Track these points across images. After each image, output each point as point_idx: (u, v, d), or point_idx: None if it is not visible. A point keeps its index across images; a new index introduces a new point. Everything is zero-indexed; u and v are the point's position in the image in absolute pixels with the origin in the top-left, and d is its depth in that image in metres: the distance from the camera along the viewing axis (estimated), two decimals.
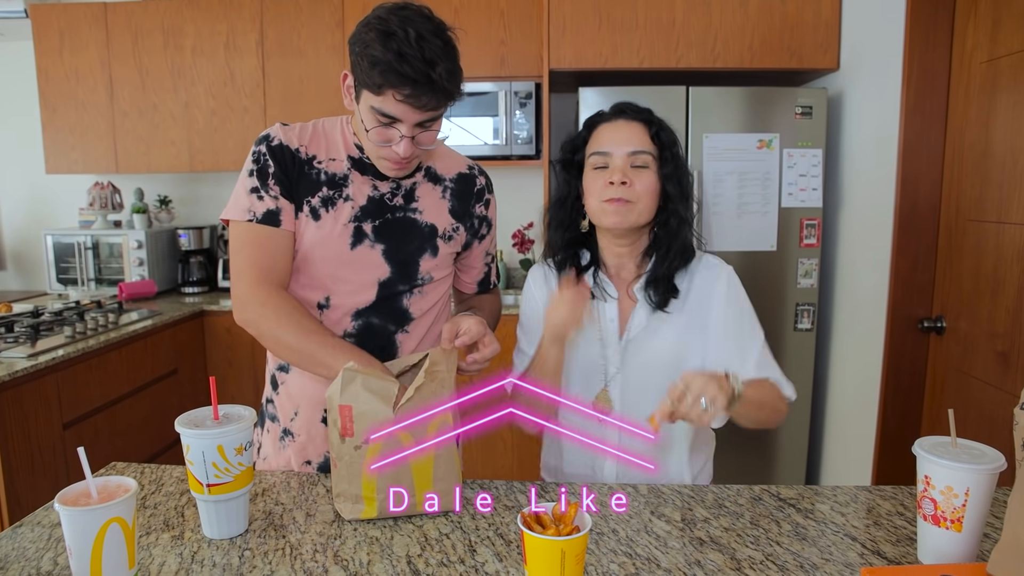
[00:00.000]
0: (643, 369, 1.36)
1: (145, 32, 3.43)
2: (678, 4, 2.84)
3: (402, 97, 1.16)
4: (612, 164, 1.32)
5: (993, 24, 1.99)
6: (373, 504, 1.14)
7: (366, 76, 1.17)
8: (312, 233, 1.31)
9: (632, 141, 1.32)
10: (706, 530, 1.11)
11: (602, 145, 1.34)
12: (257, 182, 1.29)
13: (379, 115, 1.19)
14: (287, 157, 1.31)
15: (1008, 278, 1.92)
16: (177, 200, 3.89)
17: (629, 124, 1.34)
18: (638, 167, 1.31)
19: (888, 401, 2.37)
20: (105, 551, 0.86)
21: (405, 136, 1.21)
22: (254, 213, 1.28)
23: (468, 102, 3.24)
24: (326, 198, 1.31)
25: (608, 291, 1.38)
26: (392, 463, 1.13)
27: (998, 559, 0.85)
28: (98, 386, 2.62)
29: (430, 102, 1.18)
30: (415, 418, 1.13)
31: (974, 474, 0.92)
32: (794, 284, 2.83)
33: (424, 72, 1.14)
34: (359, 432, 1.13)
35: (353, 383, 1.12)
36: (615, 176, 1.30)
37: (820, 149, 2.76)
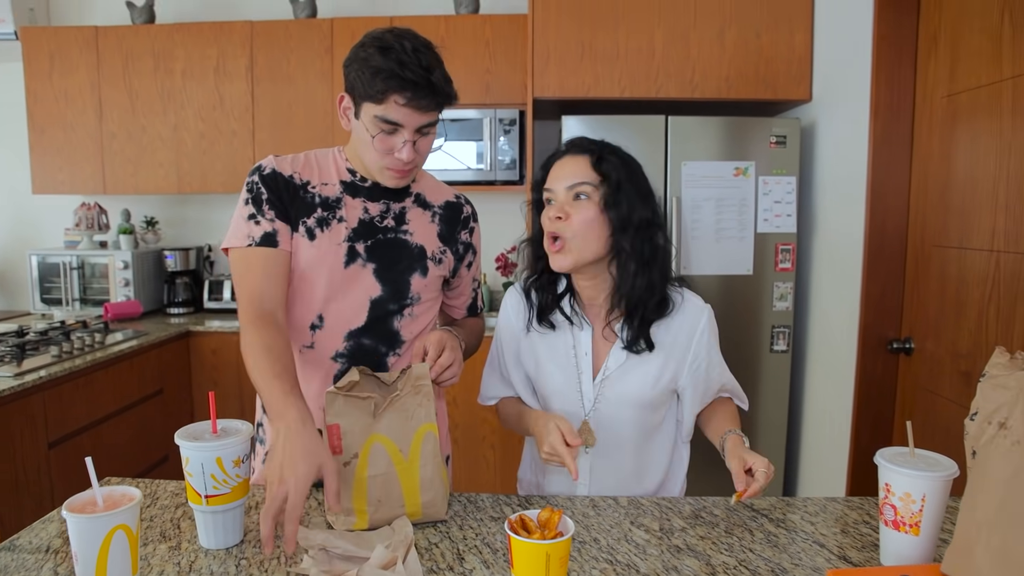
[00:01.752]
0: (618, 406, 1.40)
1: (136, 56, 3.48)
2: (658, 37, 2.95)
3: (404, 101, 1.24)
4: (556, 199, 1.34)
5: (952, 62, 2.10)
6: (364, 516, 1.19)
7: (368, 87, 1.25)
8: (307, 252, 1.36)
9: (573, 174, 1.33)
10: (683, 538, 1.16)
11: (549, 181, 1.36)
12: (253, 208, 1.35)
13: (382, 123, 1.27)
14: (280, 183, 1.37)
15: (970, 301, 2.01)
16: (164, 221, 3.92)
17: (574, 159, 1.35)
18: (577, 199, 1.32)
19: (860, 418, 2.45)
20: (111, 557, 0.90)
21: (408, 141, 1.29)
22: (253, 238, 1.34)
23: (453, 127, 3.32)
24: (321, 219, 1.37)
25: (584, 321, 1.42)
26: (381, 474, 1.18)
27: (951, 559, 0.92)
28: (84, 405, 2.63)
29: (430, 104, 1.27)
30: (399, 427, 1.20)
31: (930, 481, 0.98)
32: (770, 307, 2.91)
33: (424, 76, 1.24)
34: (347, 448, 1.18)
35: (336, 402, 1.18)
36: (551, 211, 1.33)
37: (794, 177, 2.86)
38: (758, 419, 2.93)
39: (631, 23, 2.95)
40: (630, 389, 1.39)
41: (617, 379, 1.39)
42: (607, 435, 1.41)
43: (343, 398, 1.18)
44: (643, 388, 1.39)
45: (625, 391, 1.39)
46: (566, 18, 2.96)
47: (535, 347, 1.45)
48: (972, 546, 0.88)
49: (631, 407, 1.40)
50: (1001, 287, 1.87)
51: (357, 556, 1.06)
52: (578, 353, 1.41)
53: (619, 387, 1.39)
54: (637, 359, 1.39)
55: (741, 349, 2.92)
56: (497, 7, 3.59)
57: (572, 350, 1.41)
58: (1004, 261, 1.86)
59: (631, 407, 1.40)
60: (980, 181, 1.96)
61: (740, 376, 1.57)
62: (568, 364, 1.41)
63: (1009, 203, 1.84)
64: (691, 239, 2.87)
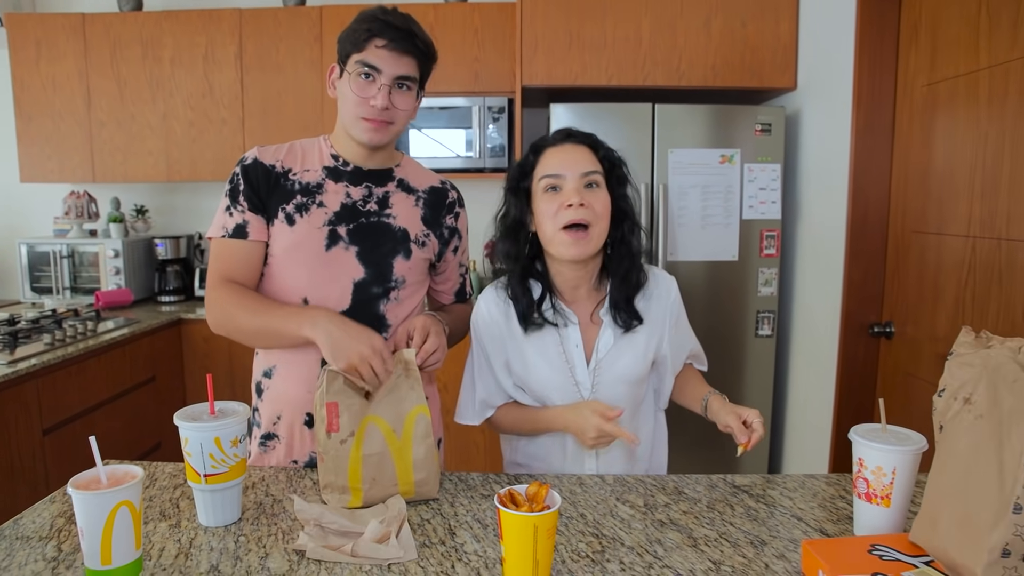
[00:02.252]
0: (614, 386, 1.43)
1: (124, 43, 3.47)
2: (645, 25, 2.98)
3: (384, 43, 1.33)
4: (565, 186, 1.33)
5: (932, 51, 2.14)
6: (359, 494, 1.23)
7: (352, 36, 1.35)
8: (287, 237, 1.41)
9: (583, 162, 1.35)
10: (666, 513, 1.21)
11: (553, 167, 1.35)
12: (229, 200, 1.42)
13: (362, 67, 1.35)
14: (259, 173, 1.42)
15: (947, 286, 2.06)
16: (154, 210, 3.93)
17: (577, 147, 1.37)
18: (591, 187, 1.34)
19: (842, 400, 2.51)
20: (115, 532, 0.94)
21: (384, 85, 1.35)
22: (226, 229, 1.41)
23: (442, 115, 3.34)
24: (300, 205, 1.42)
25: (569, 318, 1.43)
26: (375, 454, 1.22)
27: (918, 528, 0.97)
28: (77, 393, 2.66)
29: (407, 47, 1.34)
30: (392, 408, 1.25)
31: (900, 455, 1.03)
32: (755, 292, 2.97)
33: (405, 25, 1.35)
34: (344, 427, 1.21)
35: (336, 381, 1.22)
36: (572, 199, 1.31)
37: (779, 164, 2.91)
38: (743, 401, 2.96)
39: (618, 12, 2.97)
40: (623, 368, 1.43)
41: (610, 361, 1.42)
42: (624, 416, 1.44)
43: (343, 379, 1.22)
44: (635, 364, 1.43)
45: (619, 371, 1.43)
46: (554, 7, 2.98)
47: (522, 349, 1.44)
48: (938, 515, 0.93)
49: (625, 384, 1.44)
50: (977, 272, 1.93)
51: (352, 531, 1.09)
52: (568, 348, 1.42)
53: (614, 368, 1.42)
54: (624, 338, 1.43)
55: (727, 334, 2.97)
56: None
57: (560, 346, 1.42)
58: (979, 247, 1.91)
59: (625, 384, 1.44)
60: (957, 169, 2.01)
61: (726, 360, 1.63)
62: (559, 359, 1.42)
63: (985, 190, 1.89)
64: (677, 226, 2.91)
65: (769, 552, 1.07)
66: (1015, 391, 0.86)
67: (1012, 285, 1.78)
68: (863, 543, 0.99)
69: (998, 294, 1.84)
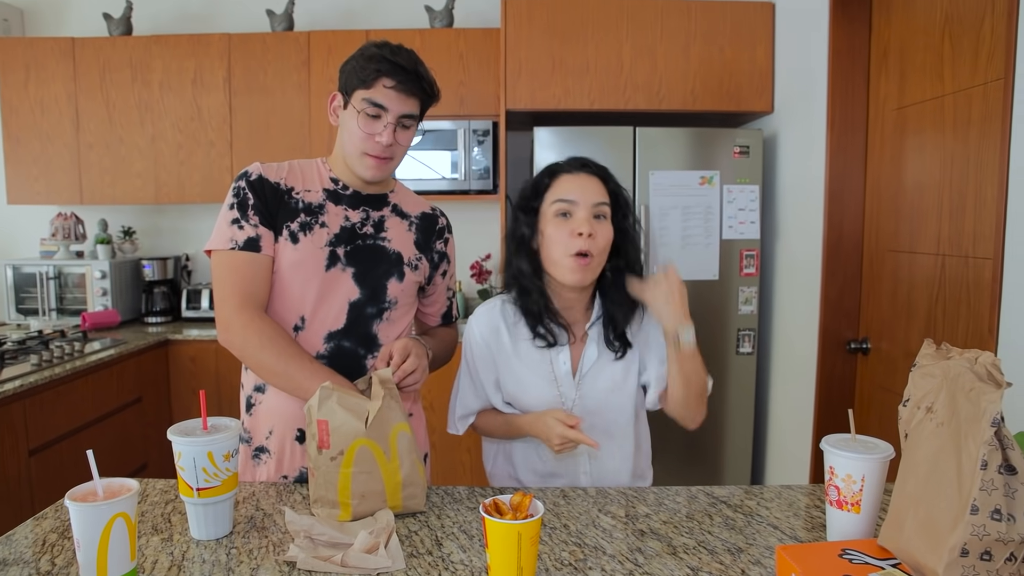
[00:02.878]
0: (598, 397, 1.49)
1: (113, 67, 3.51)
2: (626, 51, 3.06)
3: (392, 84, 1.38)
4: (576, 213, 1.38)
5: (900, 77, 2.23)
6: (348, 509, 1.25)
7: (360, 73, 1.39)
8: (290, 255, 1.43)
9: (594, 193, 1.41)
10: (647, 523, 1.25)
11: (567, 193, 1.40)
12: (238, 213, 1.43)
13: (369, 105, 1.39)
14: (266, 189, 1.44)
15: (919, 302, 2.13)
16: (141, 231, 3.95)
17: (590, 178, 1.43)
18: (598, 218, 1.40)
19: (821, 415, 2.56)
20: (111, 544, 0.96)
21: (389, 123, 1.40)
22: (236, 241, 1.41)
23: (428, 138, 3.40)
24: (304, 223, 1.45)
25: (560, 340, 1.48)
26: (366, 472, 1.25)
27: (885, 532, 1.01)
28: (64, 413, 2.66)
29: (415, 90, 1.41)
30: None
31: (868, 463, 1.08)
32: (736, 311, 3.03)
33: (412, 66, 1.40)
34: (335, 444, 1.24)
35: (330, 400, 1.24)
36: (583, 227, 1.36)
37: (757, 185, 2.98)
38: (726, 417, 3.03)
39: (600, 38, 3.06)
40: (607, 379, 1.49)
41: (594, 374, 1.49)
42: (597, 421, 1.49)
43: (337, 397, 1.23)
44: (616, 376, 1.50)
45: (603, 383, 1.49)
46: (537, 33, 3.06)
47: (512, 365, 1.50)
48: (903, 519, 0.98)
49: (609, 393, 1.51)
50: (946, 288, 1.99)
51: (341, 542, 1.12)
52: (558, 365, 1.48)
53: (598, 381, 1.49)
54: (605, 352, 1.49)
55: (708, 352, 3.01)
56: (470, 21, 3.68)
57: (551, 363, 1.48)
58: (948, 264, 1.98)
59: (609, 393, 1.51)
60: (927, 189, 2.09)
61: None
62: (547, 372, 1.48)
63: (953, 210, 1.96)
64: (659, 246, 2.97)
65: (745, 559, 1.11)
66: (971, 399, 0.91)
67: (979, 301, 1.84)
68: (834, 548, 1.03)
69: (966, 310, 1.90)
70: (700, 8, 3.05)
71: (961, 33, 1.91)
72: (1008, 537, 0.86)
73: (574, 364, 1.49)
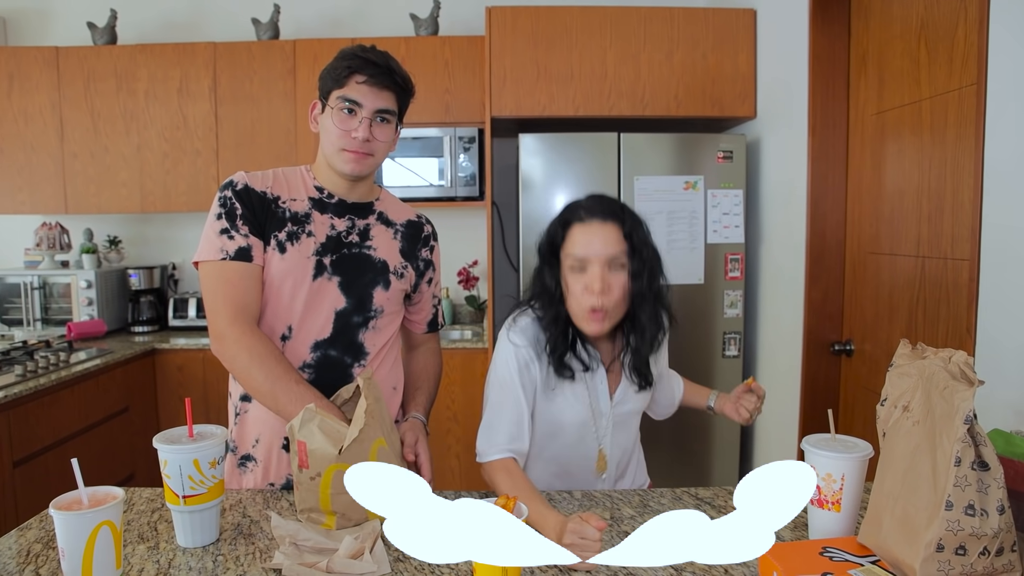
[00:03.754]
0: (628, 417, 1.54)
1: (98, 76, 3.50)
2: (609, 58, 3.09)
3: (364, 78, 1.40)
4: (590, 269, 1.35)
5: (879, 82, 2.26)
6: (332, 518, 1.26)
7: (333, 73, 1.42)
8: (277, 265, 1.43)
9: (608, 246, 1.35)
10: (632, 525, 1.26)
11: (579, 249, 1.36)
12: (226, 223, 1.42)
13: (343, 102, 1.41)
14: (253, 198, 1.44)
15: (901, 304, 2.16)
16: (127, 240, 3.93)
17: (604, 225, 1.37)
18: (614, 269, 1.36)
19: (806, 417, 2.58)
20: (96, 552, 0.96)
21: (365, 118, 1.41)
22: (227, 252, 1.40)
23: (414, 144, 3.41)
24: (291, 233, 1.45)
25: (595, 363, 1.46)
26: (344, 493, 1.24)
27: (865, 530, 1.03)
28: (49, 424, 2.64)
29: (386, 82, 1.41)
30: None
31: (847, 462, 1.10)
32: (721, 314, 3.05)
33: (384, 62, 1.42)
34: (312, 466, 1.23)
35: (311, 422, 1.23)
36: (596, 285, 1.34)
37: (741, 190, 3.01)
38: (713, 420, 3.05)
39: (584, 45, 3.08)
40: (635, 403, 1.54)
41: (627, 399, 1.51)
42: (623, 443, 1.55)
43: (319, 421, 1.23)
44: (644, 396, 1.55)
45: (632, 405, 1.53)
46: (522, 40, 3.08)
47: (556, 396, 1.45)
48: (881, 516, 0.99)
49: (637, 415, 1.58)
50: (926, 289, 2.02)
51: (327, 547, 1.13)
52: (594, 388, 1.47)
53: (627, 404, 1.52)
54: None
55: (695, 355, 3.04)
56: (455, 29, 3.70)
57: (587, 388, 1.47)
58: (928, 266, 2.01)
59: (637, 415, 1.58)
60: (906, 193, 2.12)
61: (694, 380, 1.75)
62: (585, 401, 1.46)
63: (931, 212, 1.99)
64: None
65: None
66: (945, 397, 0.93)
67: (958, 301, 1.87)
68: (815, 546, 1.05)
69: (946, 310, 1.93)
70: (683, 15, 3.08)
71: (936, 39, 1.94)
72: (981, 532, 0.88)
73: (611, 388, 1.49)
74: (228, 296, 1.39)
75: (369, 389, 1.29)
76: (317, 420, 1.23)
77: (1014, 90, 1.56)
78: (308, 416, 1.23)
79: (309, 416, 1.23)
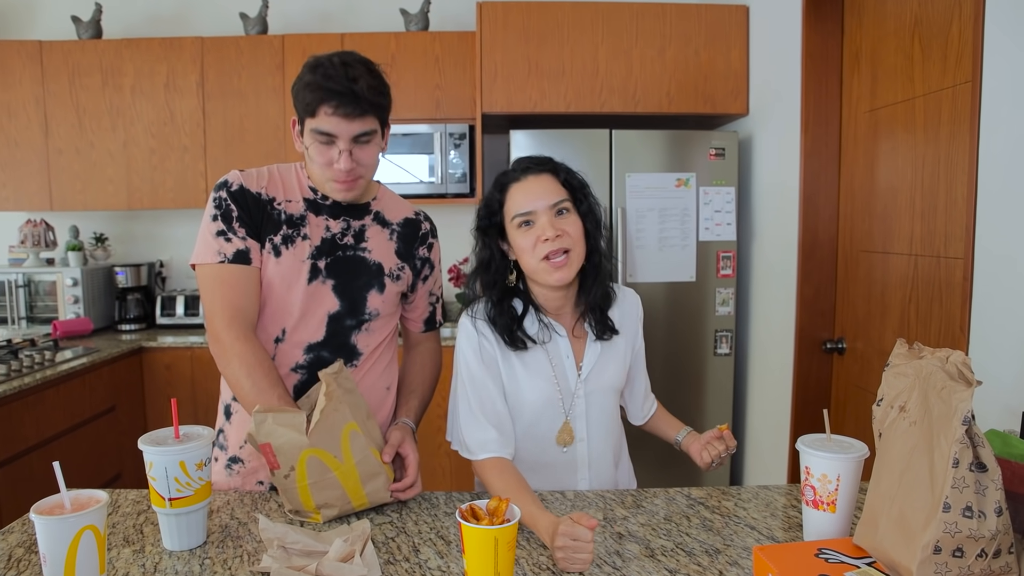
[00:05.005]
0: (600, 396, 1.48)
1: (83, 71, 3.46)
2: (601, 54, 3.07)
3: (332, 110, 1.32)
4: (538, 220, 1.35)
5: (872, 80, 2.26)
6: (319, 513, 1.25)
7: (303, 103, 1.35)
8: (272, 269, 1.41)
9: (549, 193, 1.37)
10: (625, 526, 1.24)
11: (521, 206, 1.36)
12: (223, 225, 1.39)
13: (318, 135, 1.35)
14: (248, 200, 1.41)
15: (893, 302, 2.15)
16: (114, 238, 3.89)
17: (539, 178, 1.38)
18: (561, 214, 1.37)
19: (798, 415, 2.58)
20: (79, 557, 0.94)
21: (344, 150, 1.35)
22: (224, 254, 1.38)
23: (404, 141, 3.39)
24: (287, 236, 1.42)
25: (556, 330, 1.45)
26: (321, 480, 1.24)
27: (861, 531, 1.02)
28: (34, 424, 2.61)
29: (356, 111, 1.33)
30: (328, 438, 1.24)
31: (843, 462, 1.09)
32: (713, 312, 3.04)
33: (347, 87, 1.31)
34: (284, 463, 1.22)
35: (265, 422, 1.21)
36: (547, 232, 1.33)
37: (733, 187, 3.00)
38: (705, 418, 3.04)
39: (575, 41, 3.06)
40: (609, 376, 1.48)
41: (599, 371, 1.47)
42: (597, 425, 1.48)
43: (272, 418, 1.21)
44: (618, 372, 1.49)
45: (607, 380, 1.48)
46: (513, 36, 3.06)
47: (514, 368, 1.43)
48: (877, 517, 0.98)
49: (612, 392, 1.50)
50: (919, 288, 2.02)
51: (316, 550, 1.11)
52: (559, 360, 1.45)
53: (602, 377, 1.47)
54: (607, 348, 1.47)
55: (686, 353, 3.04)
56: (446, 24, 3.67)
57: (549, 361, 1.44)
58: (921, 264, 2.01)
59: (612, 392, 1.50)
60: (899, 190, 2.11)
61: (686, 378, 1.71)
62: (548, 374, 1.44)
63: (924, 210, 1.99)
64: (636, 248, 2.98)
65: (723, 560, 1.11)
66: (943, 398, 0.92)
67: (951, 300, 1.86)
68: (810, 547, 1.04)
69: (939, 309, 1.92)
70: (675, 11, 3.07)
71: (930, 36, 1.94)
72: (979, 534, 0.87)
73: (577, 360, 1.46)
74: (226, 299, 1.37)
75: (337, 378, 1.27)
76: (271, 418, 1.21)
77: (1009, 88, 1.55)
78: (260, 419, 1.21)
79: (261, 418, 1.21)
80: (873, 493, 1.01)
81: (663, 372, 2.94)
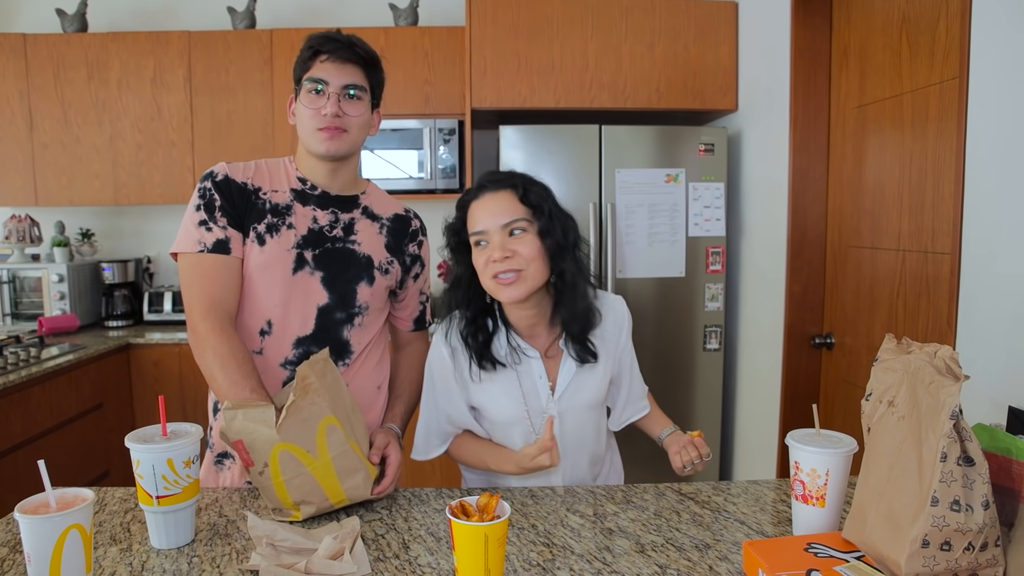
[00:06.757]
0: (578, 413, 1.47)
1: (68, 65, 3.42)
2: (591, 49, 3.07)
3: (327, 56, 1.40)
4: (490, 240, 1.34)
5: (860, 76, 2.26)
6: (297, 510, 1.23)
7: (301, 59, 1.43)
8: (256, 257, 1.40)
9: (503, 212, 1.34)
10: (615, 522, 1.25)
11: (476, 224, 1.36)
12: (205, 215, 1.39)
13: (312, 83, 1.41)
14: (233, 189, 1.41)
15: (881, 297, 2.16)
16: (100, 233, 3.85)
17: (495, 196, 1.36)
18: (516, 234, 1.34)
19: (787, 409, 2.59)
20: (65, 557, 0.93)
21: (332, 94, 1.40)
22: (204, 244, 1.37)
23: (394, 136, 3.37)
24: (271, 225, 1.42)
25: (527, 352, 1.43)
26: (295, 477, 1.22)
27: (849, 525, 1.02)
28: (19, 421, 2.58)
29: (351, 57, 1.41)
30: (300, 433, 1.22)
31: (832, 457, 1.09)
32: (702, 308, 3.05)
33: (346, 40, 1.43)
34: (257, 459, 1.21)
35: (235, 419, 1.20)
36: (495, 253, 1.32)
37: (722, 183, 3.01)
38: (694, 413, 3.05)
39: (565, 36, 3.06)
40: (586, 395, 1.46)
41: (574, 390, 1.45)
42: (574, 440, 1.48)
43: (242, 414, 1.20)
44: (596, 389, 1.48)
45: (583, 398, 1.46)
46: (502, 31, 3.05)
47: (485, 387, 1.44)
48: (866, 511, 0.99)
49: (589, 409, 1.49)
50: (907, 283, 2.03)
51: (305, 548, 1.10)
52: (531, 381, 1.44)
53: (577, 397, 1.46)
54: (585, 369, 1.46)
55: (676, 348, 3.04)
56: (435, 19, 3.66)
57: (518, 382, 1.43)
58: (908, 259, 2.02)
59: (589, 409, 1.49)
60: (887, 186, 2.12)
61: (675, 374, 1.71)
62: (516, 395, 1.43)
63: (912, 206, 2.00)
64: (625, 243, 2.98)
65: (713, 555, 1.11)
66: (931, 392, 0.93)
67: (938, 295, 1.88)
68: (800, 542, 1.04)
69: (927, 304, 1.94)
70: (664, 6, 3.07)
71: (918, 33, 1.95)
72: (967, 527, 0.87)
73: (551, 380, 1.45)
74: (204, 290, 1.37)
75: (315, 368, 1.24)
76: (240, 414, 1.20)
77: (996, 84, 1.56)
78: (230, 415, 1.20)
79: (231, 414, 1.20)
80: (862, 487, 1.02)
81: (652, 368, 2.94)
